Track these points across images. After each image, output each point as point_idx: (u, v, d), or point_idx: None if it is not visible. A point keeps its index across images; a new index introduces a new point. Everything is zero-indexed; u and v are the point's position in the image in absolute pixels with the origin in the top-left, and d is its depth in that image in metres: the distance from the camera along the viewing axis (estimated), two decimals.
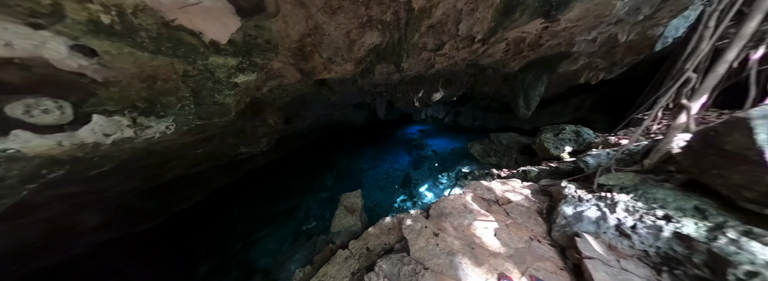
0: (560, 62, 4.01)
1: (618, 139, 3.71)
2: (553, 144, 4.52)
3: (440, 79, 6.08)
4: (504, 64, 4.13)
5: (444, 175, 7.41)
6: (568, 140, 4.47)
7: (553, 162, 4.58)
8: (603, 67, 4.23)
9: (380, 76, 4.41)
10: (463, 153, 9.30)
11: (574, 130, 4.49)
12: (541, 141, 4.71)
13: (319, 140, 13.56)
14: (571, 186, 2.44)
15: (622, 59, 4.00)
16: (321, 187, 7.92)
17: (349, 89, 6.49)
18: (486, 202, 2.97)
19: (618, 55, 3.92)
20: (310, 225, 6.20)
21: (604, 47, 3.76)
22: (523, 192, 3.08)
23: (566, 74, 4.51)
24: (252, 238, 5.98)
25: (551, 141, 4.58)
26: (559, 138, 4.55)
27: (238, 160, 7.69)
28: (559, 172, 3.82)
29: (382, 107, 10.50)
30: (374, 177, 8.17)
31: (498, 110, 8.68)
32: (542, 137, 4.74)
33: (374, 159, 10.13)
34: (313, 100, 6.27)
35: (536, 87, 4.31)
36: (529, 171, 4.35)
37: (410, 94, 6.41)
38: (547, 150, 4.63)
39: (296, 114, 7.33)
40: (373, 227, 2.98)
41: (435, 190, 6.75)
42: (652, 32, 3.55)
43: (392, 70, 4.29)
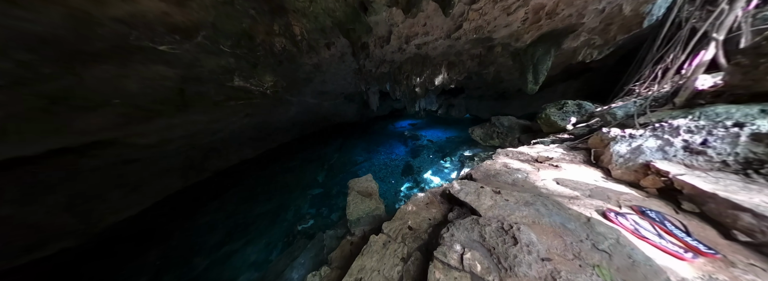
0: (567, 37, 4.20)
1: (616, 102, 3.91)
2: (559, 117, 4.65)
3: (444, 62, 6.03)
4: (518, 36, 4.18)
5: (446, 160, 7.28)
6: (572, 112, 4.64)
7: (560, 133, 4.73)
8: (598, 44, 4.55)
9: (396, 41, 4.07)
10: (460, 140, 9.38)
11: (576, 103, 4.69)
12: (547, 115, 4.83)
13: (305, 137, 12.68)
14: (614, 130, 2.38)
15: (615, 36, 4.35)
16: (311, 183, 7.07)
17: (347, 71, 6.08)
18: (525, 162, 2.81)
19: (612, 32, 4.24)
20: (306, 224, 5.22)
21: (603, 23, 4.02)
22: (557, 151, 3.00)
23: (567, 52, 4.75)
24: (224, 251, 4.54)
25: (557, 114, 4.72)
26: (563, 111, 4.71)
27: (203, 156, 6.64)
28: (574, 135, 3.88)
29: (375, 98, 10.21)
30: (371, 169, 7.70)
31: (493, 98, 8.98)
32: (548, 111, 4.87)
33: (368, 152, 9.68)
34: (306, 79, 5.70)
35: (544, 61, 4.44)
36: (542, 142, 4.38)
37: (412, 77, 6.24)
38: (554, 123, 4.75)
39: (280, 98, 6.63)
40: (407, 204, 2.58)
41: (441, 174, 6.54)
42: (643, 8, 3.90)
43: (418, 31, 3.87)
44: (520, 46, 4.44)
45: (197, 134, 4.88)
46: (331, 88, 7.89)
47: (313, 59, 4.46)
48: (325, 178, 7.40)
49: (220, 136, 5.64)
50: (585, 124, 3.99)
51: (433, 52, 5.24)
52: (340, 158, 9.12)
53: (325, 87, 7.63)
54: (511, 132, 6.23)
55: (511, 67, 5.80)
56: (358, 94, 11.35)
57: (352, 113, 12.05)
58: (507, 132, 6.29)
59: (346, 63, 5.31)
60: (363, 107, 12.53)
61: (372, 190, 3.45)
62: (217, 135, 5.33)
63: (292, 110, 8.38)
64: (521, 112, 8.24)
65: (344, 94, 10.62)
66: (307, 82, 6.21)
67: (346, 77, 7.04)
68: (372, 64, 5.23)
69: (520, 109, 8.34)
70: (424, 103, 11.76)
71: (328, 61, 4.76)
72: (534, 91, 5.01)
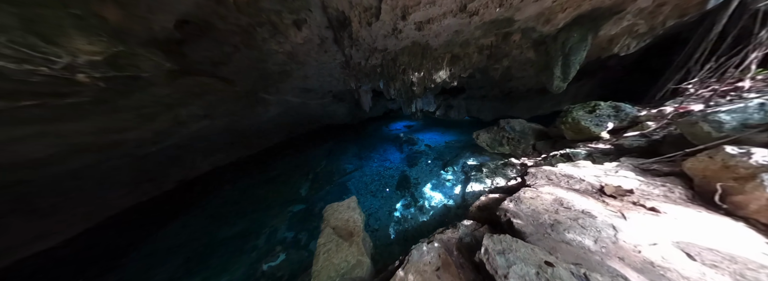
0: (609, 20, 3.32)
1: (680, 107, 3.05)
2: (593, 122, 3.78)
3: (446, 55, 5.07)
4: (549, 16, 3.28)
5: (448, 170, 6.33)
6: (607, 116, 3.78)
7: (592, 142, 3.86)
8: (641, 31, 3.73)
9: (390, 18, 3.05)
10: (462, 146, 8.47)
11: (612, 105, 3.84)
12: (574, 120, 3.95)
13: (293, 140, 11.52)
14: (760, 152, 1.44)
15: (664, 21, 3.54)
16: (292, 197, 5.92)
17: (332, 65, 5.00)
18: (589, 196, 1.86)
19: (661, 16, 3.42)
20: (274, 260, 3.89)
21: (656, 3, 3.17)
22: (625, 174, 2.07)
23: (600, 42, 3.90)
24: None
25: (588, 119, 3.85)
26: (595, 115, 3.84)
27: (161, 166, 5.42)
28: (624, 149, 3.00)
29: (367, 97, 9.16)
30: (362, 180, 6.65)
31: (498, 99, 8.11)
32: (575, 115, 3.99)
33: (359, 158, 8.62)
34: (282, 73, 4.62)
35: (578, 51, 3.56)
36: (574, 154, 3.49)
37: (409, 72, 5.26)
38: (585, 130, 3.88)
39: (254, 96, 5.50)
40: (405, 268, 1.56)
41: (443, 189, 5.57)
42: None
43: None
44: (548, 31, 3.55)
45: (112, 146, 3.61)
46: (315, 85, 6.81)
47: (284, 45, 3.40)
48: (308, 191, 6.30)
49: (172, 143, 4.47)
50: (638, 132, 3.11)
51: (436, 40, 4.27)
52: (328, 165, 8.03)
53: (309, 84, 6.55)
54: (524, 138, 5.35)
55: (526, 62, 4.92)
56: (349, 93, 10.29)
57: (342, 114, 10.97)
58: (519, 138, 5.41)
59: (329, 53, 4.26)
60: (355, 107, 11.48)
61: (354, 227, 2.43)
62: (165, 142, 4.17)
63: (271, 110, 7.25)
64: (528, 114, 7.43)
65: (333, 93, 9.54)
66: (284, 77, 5.12)
67: (333, 72, 5.99)
68: (361, 55, 4.22)
69: (527, 111, 7.52)
70: (421, 103, 10.84)
71: (304, 48, 3.71)
72: (561, 89, 4.13)
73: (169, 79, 2.52)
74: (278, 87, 5.77)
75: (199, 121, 4.02)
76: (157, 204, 5.58)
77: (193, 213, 5.58)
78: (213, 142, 6.84)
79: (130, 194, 5.07)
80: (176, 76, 2.55)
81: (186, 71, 2.58)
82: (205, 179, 7.12)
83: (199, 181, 6.95)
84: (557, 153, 3.91)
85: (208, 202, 6.05)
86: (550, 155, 4.11)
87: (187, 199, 6.03)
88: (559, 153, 3.85)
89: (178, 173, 6.33)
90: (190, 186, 6.66)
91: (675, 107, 3.17)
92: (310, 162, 8.58)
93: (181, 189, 6.45)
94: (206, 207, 5.84)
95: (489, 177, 4.74)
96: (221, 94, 3.73)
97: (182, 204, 5.80)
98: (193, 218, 5.37)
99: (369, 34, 3.25)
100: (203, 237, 4.73)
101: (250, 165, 8.61)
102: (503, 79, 6.31)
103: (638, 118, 3.52)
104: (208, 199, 6.17)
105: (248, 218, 5.27)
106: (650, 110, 3.52)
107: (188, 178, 6.72)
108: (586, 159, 3.31)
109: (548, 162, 3.93)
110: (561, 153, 3.81)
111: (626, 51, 3.99)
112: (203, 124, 4.22)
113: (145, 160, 4.94)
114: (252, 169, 8.10)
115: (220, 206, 5.87)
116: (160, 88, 2.58)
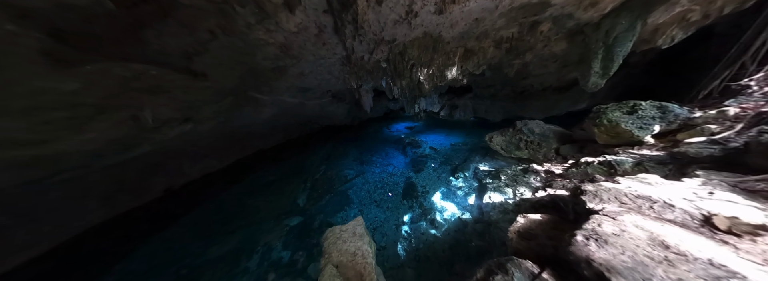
0: (662, 5, 2.82)
1: None
2: (635, 125, 3.26)
3: (459, 49, 4.54)
4: (594, 1, 2.75)
5: (458, 177, 5.79)
6: (652, 118, 3.27)
7: (634, 147, 3.35)
8: (694, 19, 3.24)
9: None
10: (469, 148, 7.95)
11: (657, 105, 3.33)
12: (611, 121, 3.43)
13: (288, 143, 10.93)
14: None
15: (721, 8, 3.05)
16: (288, 208, 5.31)
17: (332, 62, 4.44)
18: (691, 231, 1.32)
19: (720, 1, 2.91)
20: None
21: None
22: (728, 198, 1.54)
23: (644, 32, 3.37)
24: None
25: (629, 120, 3.33)
26: (637, 116, 3.33)
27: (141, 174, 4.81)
28: (687, 158, 2.48)
29: (368, 97, 8.60)
30: (365, 188, 6.08)
31: (509, 98, 7.59)
32: (611, 116, 3.48)
33: (360, 163, 8.07)
34: (275, 70, 4.05)
35: (625, 41, 3.05)
36: (618, 163, 2.97)
37: (417, 68, 4.72)
38: (624, 133, 3.37)
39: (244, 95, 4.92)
40: None
41: (455, 198, 5.03)
42: None
43: None
44: (589, 17, 3.03)
45: None
46: (313, 83, 6.24)
47: (275, 35, 2.85)
48: (306, 201, 5.72)
49: (149, 150, 3.88)
50: (706, 138, 2.59)
51: (450, 31, 3.75)
52: (328, 171, 7.45)
53: (306, 82, 5.98)
54: (545, 141, 4.84)
55: (549, 57, 4.41)
56: (349, 93, 9.73)
57: (341, 115, 10.40)
58: (539, 141, 4.89)
59: (328, 46, 3.70)
60: (354, 108, 10.92)
61: (364, 264, 1.86)
62: (136, 150, 3.58)
63: (266, 111, 6.65)
64: (542, 115, 6.92)
65: (332, 93, 8.97)
66: (278, 74, 4.55)
67: (332, 69, 5.43)
68: (364, 47, 3.67)
69: (541, 112, 7.01)
70: (425, 103, 10.32)
71: (299, 39, 3.15)
72: (597, 87, 3.62)
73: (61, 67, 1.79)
74: (272, 86, 5.19)
75: (177, 125, 3.44)
76: (134, 219, 4.97)
77: (176, 227, 4.97)
78: (202, 147, 6.24)
79: (102, 208, 4.46)
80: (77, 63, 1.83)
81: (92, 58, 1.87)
82: (193, 187, 6.52)
83: (187, 190, 6.34)
84: (594, 161, 3.39)
85: (195, 214, 5.45)
86: (583, 162, 3.60)
87: (171, 211, 5.42)
88: (596, 160, 3.34)
89: (163, 182, 5.71)
90: (177, 196, 6.04)
91: (742, 107, 2.66)
92: (308, 167, 8.00)
93: (167, 199, 5.84)
94: (192, 220, 5.23)
95: (509, 185, 4.21)
96: (196, 92, 3.12)
97: (165, 216, 5.19)
98: (175, 234, 4.77)
99: (377, 18, 2.70)
100: (185, 257, 4.13)
101: (244, 171, 8.00)
102: (518, 77, 5.80)
103: (692, 119, 3.02)
104: (195, 211, 5.57)
105: (239, 234, 4.68)
106: (706, 110, 3.01)
107: (175, 187, 6.11)
108: (636, 169, 2.79)
109: (582, 170, 3.42)
110: (599, 161, 3.29)
111: (669, 43, 3.50)
112: (184, 128, 3.65)
113: (121, 169, 4.33)
114: (245, 176, 7.49)
115: (207, 219, 5.27)
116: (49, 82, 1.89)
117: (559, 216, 2.29)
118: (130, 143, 3.13)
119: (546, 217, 2.25)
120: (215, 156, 7.37)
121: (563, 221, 2.16)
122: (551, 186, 3.51)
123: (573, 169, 3.58)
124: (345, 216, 4.89)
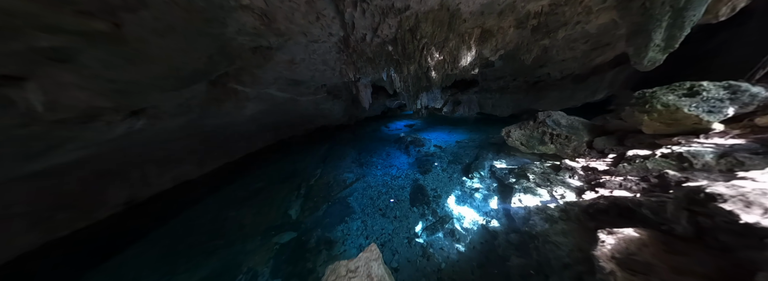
0: None
1: None
2: (701, 109, 2.69)
3: (476, 30, 3.91)
4: None
5: (473, 177, 5.13)
6: (720, 100, 2.70)
7: (697, 135, 2.77)
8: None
9: None
10: (477, 145, 7.35)
11: (723, 85, 2.77)
12: (667, 105, 2.85)
13: (280, 144, 10.03)
14: None
15: None
16: (279, 221, 4.47)
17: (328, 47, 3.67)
18: None
19: None
20: None
21: None
22: None
23: None
24: None
25: (692, 104, 2.75)
26: (702, 99, 2.75)
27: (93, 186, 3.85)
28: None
29: (367, 93, 7.88)
30: (367, 194, 5.29)
31: (520, 90, 7.04)
32: (665, 100, 2.90)
33: (360, 165, 7.31)
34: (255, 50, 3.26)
35: (700, 3, 2.44)
36: (694, 154, 2.36)
37: (430, 52, 4.05)
38: (683, 120, 2.79)
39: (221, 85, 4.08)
40: None
41: (473, 203, 4.33)
42: None
43: None
44: None
45: None
46: (306, 75, 5.46)
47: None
48: (300, 212, 4.88)
49: (85, 155, 2.97)
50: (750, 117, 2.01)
51: (469, 5, 3.11)
52: (324, 175, 6.64)
53: (298, 73, 5.19)
54: (575, 134, 4.25)
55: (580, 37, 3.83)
56: (345, 88, 8.98)
57: (338, 113, 9.61)
58: (568, 134, 4.30)
59: (322, 20, 2.97)
60: (351, 105, 10.16)
61: None
62: (52, 155, 2.67)
63: (249, 107, 5.78)
64: (557, 107, 6.39)
65: (327, 88, 8.18)
66: (262, 59, 3.76)
67: (327, 58, 4.68)
68: (367, 21, 2.96)
69: (557, 104, 6.49)
70: (427, 99, 9.71)
71: (285, 6, 2.40)
72: (655, 64, 3.03)
73: None
74: (255, 75, 4.38)
75: (121, 120, 2.56)
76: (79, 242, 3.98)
77: (137, 250, 4.03)
78: (174, 151, 5.30)
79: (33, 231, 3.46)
80: None
81: None
82: (164, 199, 5.54)
83: (156, 202, 5.37)
84: (652, 154, 2.79)
85: (163, 232, 4.51)
86: (634, 156, 3.00)
87: (132, 229, 4.46)
88: (658, 153, 2.73)
89: (122, 193, 4.72)
90: (143, 210, 5.07)
91: None
92: (301, 171, 7.14)
93: (129, 214, 4.86)
94: (157, 239, 4.30)
95: (542, 185, 3.57)
96: (132, 70, 2.21)
97: (122, 237, 4.23)
98: (133, 259, 3.83)
99: None
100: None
101: (228, 177, 7.06)
102: (534, 65, 5.23)
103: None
104: (164, 227, 4.63)
105: (217, 256, 3.80)
106: None
107: (140, 199, 5.13)
108: (722, 161, 2.19)
109: (639, 165, 2.80)
110: (662, 154, 2.68)
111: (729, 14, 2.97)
112: (134, 124, 2.76)
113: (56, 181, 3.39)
114: (229, 183, 6.56)
115: (178, 237, 4.35)
116: None
117: (655, 230, 1.63)
118: (32, 144, 2.19)
119: (645, 234, 1.58)
120: (193, 161, 6.41)
121: (674, 239, 1.50)
122: (602, 186, 2.88)
123: (624, 165, 2.97)
124: (346, 229, 4.11)
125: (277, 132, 9.67)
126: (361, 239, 3.89)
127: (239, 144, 8.12)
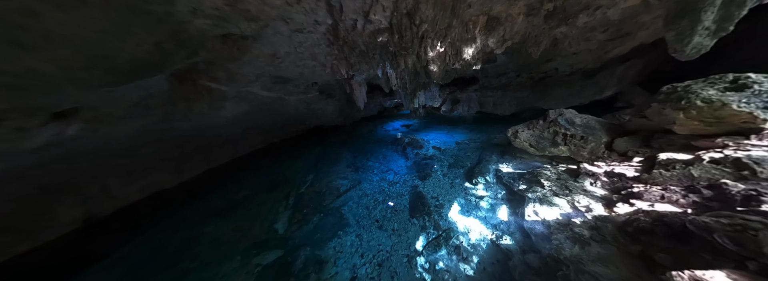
0: None
1: None
2: (754, 105, 2.27)
3: (482, 17, 3.44)
4: None
5: (477, 183, 4.67)
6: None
7: (748, 137, 2.36)
8: None
9: None
10: (479, 147, 6.91)
11: None
12: (711, 103, 2.43)
13: (271, 148, 9.41)
14: None
15: None
16: (264, 237, 3.91)
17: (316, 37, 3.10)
18: None
19: None
20: None
21: None
22: None
23: None
24: None
25: (739, 99, 2.34)
26: (754, 93, 2.34)
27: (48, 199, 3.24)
28: None
29: (361, 91, 7.33)
30: (362, 202, 4.75)
31: (525, 87, 6.63)
32: (705, 95, 2.48)
33: (355, 170, 6.78)
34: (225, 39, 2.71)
35: None
36: (755, 160, 1.93)
37: (430, 42, 3.56)
38: (730, 118, 2.38)
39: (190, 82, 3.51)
40: None
41: (479, 214, 3.85)
42: None
43: None
44: None
45: None
46: (294, 72, 4.91)
47: None
48: (287, 225, 4.33)
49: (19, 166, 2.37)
50: None
51: None
52: (316, 182, 6.10)
53: (284, 69, 4.64)
54: (592, 134, 3.82)
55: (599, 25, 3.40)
56: (339, 87, 8.42)
57: (331, 113, 9.04)
58: (584, 134, 3.87)
59: (304, 3, 2.43)
60: (346, 105, 9.60)
61: None
62: None
63: (228, 108, 5.17)
64: (563, 105, 6.01)
65: (318, 86, 7.60)
66: (236, 50, 3.20)
67: (315, 52, 4.15)
68: (357, 4, 2.44)
69: (563, 101, 6.10)
70: (425, 97, 9.24)
71: None
72: (701, 50, 2.61)
73: None
74: (231, 70, 3.81)
75: (42, 126, 1.99)
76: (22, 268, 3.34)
77: (92, 276, 3.42)
78: (140, 159, 4.66)
79: None
80: None
81: None
82: (133, 212, 4.90)
83: (121, 217, 4.72)
84: (696, 158, 2.36)
85: (126, 253, 3.89)
86: (671, 160, 2.57)
87: (88, 250, 3.83)
88: (706, 157, 2.30)
89: (77, 210, 4.06)
90: (104, 228, 4.43)
91: None
92: (291, 177, 6.57)
93: (87, 233, 4.22)
94: (119, 262, 3.69)
95: (559, 194, 3.13)
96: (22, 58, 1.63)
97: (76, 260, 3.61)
98: None
99: None
100: None
101: (209, 185, 6.42)
102: (542, 59, 4.80)
103: None
104: (128, 247, 4.01)
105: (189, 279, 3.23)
106: None
107: (101, 215, 4.49)
108: None
109: (682, 172, 2.35)
110: (710, 159, 2.25)
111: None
112: (63, 131, 2.17)
113: None
114: (209, 193, 5.93)
115: (143, 259, 3.74)
116: None
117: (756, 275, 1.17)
118: None
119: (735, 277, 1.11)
120: (168, 169, 5.77)
121: None
122: (637, 197, 2.45)
123: (660, 171, 2.54)
124: (339, 245, 3.60)
125: (265, 135, 9.06)
126: (356, 257, 3.37)
127: (223, 148, 7.49)
